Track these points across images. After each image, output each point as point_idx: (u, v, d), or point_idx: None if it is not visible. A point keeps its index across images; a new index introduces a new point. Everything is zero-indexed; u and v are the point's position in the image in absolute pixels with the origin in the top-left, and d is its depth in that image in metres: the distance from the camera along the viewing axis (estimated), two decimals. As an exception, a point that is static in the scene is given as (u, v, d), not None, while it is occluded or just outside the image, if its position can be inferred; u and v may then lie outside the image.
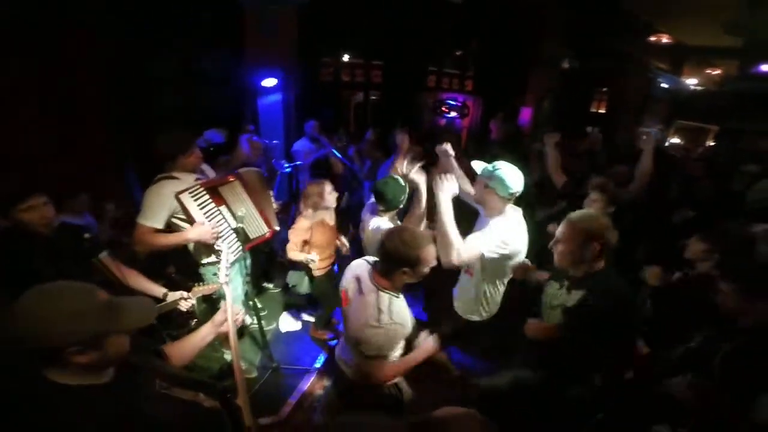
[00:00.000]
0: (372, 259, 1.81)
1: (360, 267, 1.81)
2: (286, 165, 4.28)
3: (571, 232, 1.77)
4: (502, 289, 2.27)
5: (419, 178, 2.39)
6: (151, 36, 3.79)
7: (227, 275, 1.88)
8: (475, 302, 2.28)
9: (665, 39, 7.66)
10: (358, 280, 1.75)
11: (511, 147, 4.98)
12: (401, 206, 2.45)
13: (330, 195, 2.91)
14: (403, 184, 2.42)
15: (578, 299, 1.79)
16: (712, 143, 7.84)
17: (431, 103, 8.16)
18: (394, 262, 1.61)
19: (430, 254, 1.64)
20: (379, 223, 2.41)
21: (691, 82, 9.73)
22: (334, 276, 3.15)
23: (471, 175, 2.33)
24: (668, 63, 9.12)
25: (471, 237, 2.00)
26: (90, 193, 3.05)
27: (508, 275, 2.20)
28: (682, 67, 9.71)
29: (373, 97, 7.65)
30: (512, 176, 1.99)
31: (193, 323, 2.58)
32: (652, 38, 7.59)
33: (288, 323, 3.57)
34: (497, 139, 6.44)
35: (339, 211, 3.27)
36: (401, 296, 1.74)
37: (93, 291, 1.01)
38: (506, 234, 1.98)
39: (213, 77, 4.22)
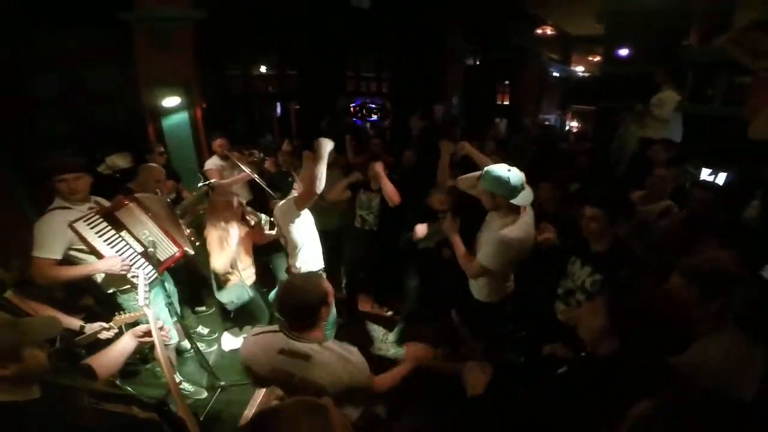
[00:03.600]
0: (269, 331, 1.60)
1: (266, 347, 1.54)
2: (200, 184, 4.15)
3: None
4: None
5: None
6: (30, 52, 3.52)
7: (146, 298, 1.88)
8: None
9: (549, 31, 8.56)
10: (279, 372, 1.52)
11: (429, 143, 5.28)
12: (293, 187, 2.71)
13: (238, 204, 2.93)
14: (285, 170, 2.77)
15: None
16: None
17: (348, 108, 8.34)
18: (313, 310, 1.51)
19: (328, 284, 1.62)
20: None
21: (579, 69, 11.01)
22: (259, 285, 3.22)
23: None
24: (558, 53, 10.21)
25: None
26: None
27: None
28: (570, 57, 10.95)
29: (297, 107, 7.68)
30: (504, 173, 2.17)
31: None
32: (539, 31, 8.43)
33: (230, 342, 3.52)
34: (417, 137, 6.81)
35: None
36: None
37: None
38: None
39: (105, 96, 3.97)
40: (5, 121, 3.48)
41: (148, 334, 1.70)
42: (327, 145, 2.33)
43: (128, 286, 2.39)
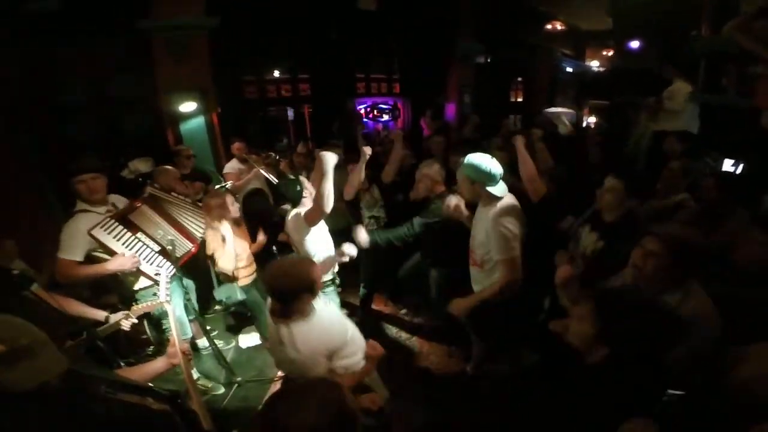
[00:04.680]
0: None
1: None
2: (217, 187, 4.29)
3: None
4: None
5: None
6: (55, 61, 3.68)
7: (168, 294, 1.99)
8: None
9: (560, 26, 8.42)
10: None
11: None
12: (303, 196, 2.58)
13: (233, 206, 3.01)
14: (293, 178, 2.78)
15: None
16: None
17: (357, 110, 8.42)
18: (294, 292, 1.60)
19: (317, 273, 1.66)
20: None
21: (594, 64, 10.79)
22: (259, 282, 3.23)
23: None
24: (570, 49, 10.04)
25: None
26: (15, 236, 2.97)
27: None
28: (584, 52, 10.75)
29: (310, 110, 7.83)
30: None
31: (150, 349, 2.65)
32: (549, 27, 8.30)
33: (247, 339, 3.63)
34: (428, 135, 6.85)
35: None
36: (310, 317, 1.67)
37: None
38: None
39: (128, 103, 4.15)
40: (36, 128, 3.68)
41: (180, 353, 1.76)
42: (331, 160, 2.20)
43: (146, 284, 2.52)
